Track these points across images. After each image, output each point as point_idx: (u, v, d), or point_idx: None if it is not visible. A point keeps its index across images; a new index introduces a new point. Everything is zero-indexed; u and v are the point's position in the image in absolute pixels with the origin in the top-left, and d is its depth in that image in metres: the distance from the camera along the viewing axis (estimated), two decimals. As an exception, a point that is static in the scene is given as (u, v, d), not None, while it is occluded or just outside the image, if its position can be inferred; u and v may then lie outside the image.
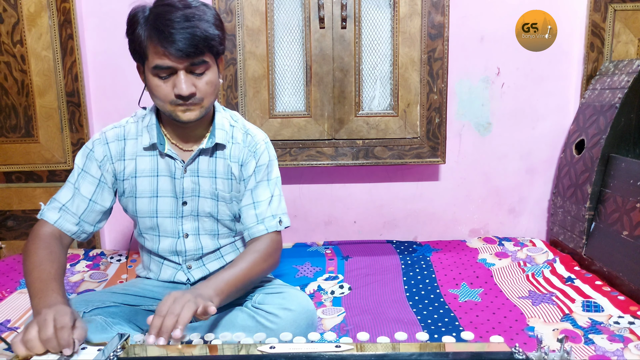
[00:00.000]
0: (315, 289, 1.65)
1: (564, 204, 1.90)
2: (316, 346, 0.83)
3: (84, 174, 1.18)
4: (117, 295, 1.21)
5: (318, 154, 1.90)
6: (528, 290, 1.60)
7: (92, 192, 1.18)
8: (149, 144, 1.18)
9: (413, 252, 1.94)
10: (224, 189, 1.22)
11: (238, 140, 1.23)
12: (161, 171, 1.20)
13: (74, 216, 1.16)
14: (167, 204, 1.21)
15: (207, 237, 1.25)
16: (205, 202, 1.22)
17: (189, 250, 1.24)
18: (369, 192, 2.05)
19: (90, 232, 1.20)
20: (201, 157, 1.20)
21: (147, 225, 1.23)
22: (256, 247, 1.17)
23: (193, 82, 1.06)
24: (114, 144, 1.19)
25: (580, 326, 1.36)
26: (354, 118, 1.89)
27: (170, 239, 1.23)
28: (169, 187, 1.20)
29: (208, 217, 1.23)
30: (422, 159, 1.91)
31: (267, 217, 1.21)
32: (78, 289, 1.68)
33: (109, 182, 1.20)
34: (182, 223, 1.22)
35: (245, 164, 1.22)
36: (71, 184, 1.18)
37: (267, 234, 1.20)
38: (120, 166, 1.20)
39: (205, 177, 1.21)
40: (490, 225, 2.10)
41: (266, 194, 1.22)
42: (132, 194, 1.21)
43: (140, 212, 1.22)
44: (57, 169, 1.94)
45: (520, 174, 2.05)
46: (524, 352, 0.81)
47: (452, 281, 1.69)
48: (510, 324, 1.40)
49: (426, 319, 1.44)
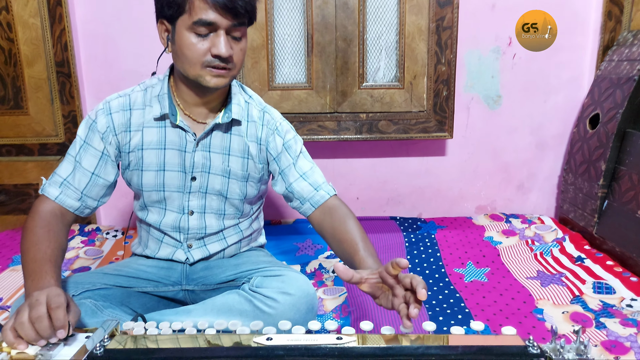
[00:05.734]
0: (316, 268, 1.60)
1: (575, 181, 1.83)
2: (316, 337, 0.78)
3: (86, 146, 1.11)
4: (108, 276, 1.15)
5: (320, 128, 1.82)
6: (536, 270, 1.54)
7: (95, 166, 1.11)
8: (160, 114, 1.11)
9: (417, 229, 1.88)
10: (236, 166, 1.16)
11: (254, 118, 1.17)
12: (169, 144, 1.13)
13: (75, 191, 1.10)
14: (175, 178, 1.15)
15: (212, 217, 1.20)
16: (215, 179, 1.16)
17: (192, 228, 1.19)
18: (373, 168, 1.98)
19: (93, 207, 1.14)
20: (215, 132, 1.14)
21: (154, 199, 1.17)
22: (342, 212, 1.12)
23: (231, 45, 1.01)
24: (119, 114, 1.12)
25: (591, 309, 1.31)
26: (358, 90, 1.81)
27: (175, 214, 1.18)
28: (177, 160, 1.14)
29: (217, 195, 1.18)
30: (429, 133, 1.83)
31: (322, 183, 1.17)
32: (72, 265, 1.63)
33: (112, 155, 1.13)
34: (189, 199, 1.17)
35: (269, 143, 1.17)
36: (72, 156, 1.11)
37: (331, 198, 1.16)
38: (124, 138, 1.13)
39: (217, 153, 1.15)
40: (498, 202, 2.03)
41: (308, 165, 1.19)
42: (137, 167, 1.14)
43: (146, 186, 1.16)
44: (48, 142, 1.88)
45: (530, 149, 1.97)
46: (538, 345, 0.75)
47: (457, 260, 1.64)
48: (519, 306, 1.35)
49: (430, 300, 1.39)
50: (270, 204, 1.98)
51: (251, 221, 1.29)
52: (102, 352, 0.76)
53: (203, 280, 1.21)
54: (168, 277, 1.21)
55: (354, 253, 1.02)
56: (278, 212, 2.02)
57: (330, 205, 1.15)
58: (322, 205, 1.15)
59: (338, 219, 1.11)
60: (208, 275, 1.21)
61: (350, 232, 1.06)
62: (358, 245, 1.02)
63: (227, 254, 1.26)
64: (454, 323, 1.27)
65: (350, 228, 1.07)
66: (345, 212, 1.12)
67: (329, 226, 1.12)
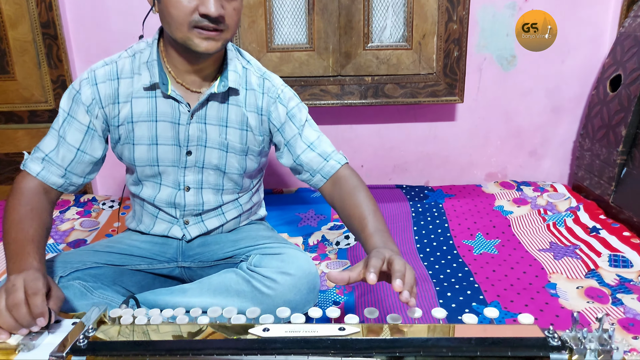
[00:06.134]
0: (319, 240, 1.54)
1: (592, 147, 1.74)
2: (317, 328, 0.72)
3: (70, 120, 1.02)
4: (99, 254, 1.09)
5: (322, 92, 1.72)
6: (549, 241, 1.48)
7: (80, 141, 1.03)
8: (150, 83, 1.01)
9: (424, 198, 1.81)
10: (235, 139, 1.08)
11: (253, 86, 1.07)
12: (161, 115, 1.04)
13: (59, 168, 1.02)
14: (169, 152, 1.07)
15: (209, 192, 1.12)
16: (212, 153, 1.08)
17: (188, 204, 1.12)
18: (378, 134, 1.89)
19: (79, 184, 1.07)
20: (211, 102, 1.05)
21: (148, 174, 1.10)
22: (352, 183, 1.04)
23: (222, 4, 0.90)
24: (105, 85, 1.02)
25: (607, 284, 1.25)
26: (362, 52, 1.69)
27: (171, 189, 1.11)
28: (170, 133, 1.05)
29: (214, 169, 1.10)
30: (438, 97, 1.73)
31: (331, 152, 1.09)
32: (67, 238, 1.58)
33: (98, 129, 1.04)
34: (185, 174, 1.09)
35: (271, 114, 1.08)
36: (55, 130, 1.03)
37: (342, 167, 1.07)
38: (113, 110, 1.04)
39: (214, 125, 1.06)
40: (509, 169, 1.95)
41: (314, 134, 1.10)
42: (128, 141, 1.06)
43: (138, 161, 1.07)
44: (38, 109, 1.79)
45: (545, 113, 1.87)
46: (559, 336, 0.69)
47: (466, 231, 1.57)
48: (530, 281, 1.29)
49: (438, 274, 1.34)
50: (272, 172, 1.91)
51: (251, 195, 1.22)
52: (86, 345, 0.70)
53: (200, 257, 1.16)
54: (163, 254, 1.15)
55: (362, 229, 0.95)
56: (280, 181, 1.94)
57: (340, 176, 1.07)
58: (333, 176, 1.07)
59: (348, 192, 1.03)
60: (205, 251, 1.16)
61: (360, 205, 0.98)
62: (366, 220, 0.95)
63: (225, 229, 1.19)
64: (463, 299, 1.21)
65: (360, 201, 0.99)
66: (356, 184, 1.04)
67: (338, 199, 1.05)
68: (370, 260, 0.76)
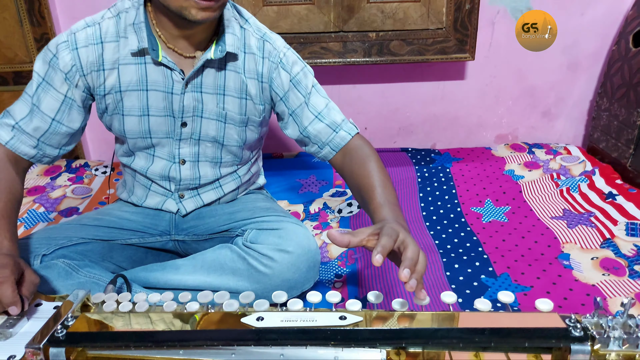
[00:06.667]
0: (320, 208, 1.48)
1: (610, 107, 1.64)
2: (315, 316, 0.66)
3: (46, 86, 0.93)
4: (87, 228, 1.03)
5: (323, 50, 1.61)
6: (562, 208, 1.41)
7: (56, 110, 0.94)
8: (138, 48, 0.91)
9: (431, 162, 1.73)
10: (233, 109, 0.99)
11: (253, 49, 0.97)
12: (152, 84, 0.95)
13: (30, 138, 0.93)
14: (162, 124, 0.98)
15: (207, 166, 1.05)
16: (209, 124, 0.99)
17: (184, 178, 1.04)
18: (383, 94, 1.79)
19: (54, 156, 0.99)
20: (207, 69, 0.95)
21: (140, 145, 1.02)
22: (363, 153, 0.96)
23: None
24: (87, 49, 0.92)
25: (624, 255, 1.19)
26: (366, 5, 1.57)
27: (165, 162, 1.03)
28: (162, 104, 0.96)
29: (212, 142, 1.02)
30: (447, 54, 1.61)
31: (341, 122, 1.00)
32: (59, 206, 1.52)
33: (77, 99, 0.95)
34: (180, 147, 1.01)
35: (273, 80, 0.98)
36: (29, 96, 0.93)
37: (353, 138, 0.99)
38: (97, 79, 0.94)
39: (211, 94, 0.97)
40: (520, 130, 1.85)
41: (322, 102, 1.01)
42: (117, 112, 0.97)
43: (129, 132, 0.99)
44: (22, 70, 1.69)
45: (560, 70, 1.75)
46: (581, 325, 0.63)
47: (474, 197, 1.50)
48: (542, 251, 1.23)
49: (445, 244, 1.28)
50: (272, 136, 1.82)
51: (250, 165, 1.14)
52: (65, 336, 0.65)
53: (194, 230, 1.09)
54: (155, 227, 1.09)
55: (370, 200, 0.87)
56: (280, 145, 1.86)
57: (351, 147, 0.99)
58: (343, 148, 0.99)
59: (357, 162, 0.95)
60: (200, 224, 1.09)
61: (369, 176, 0.91)
62: (375, 191, 0.87)
63: (223, 201, 1.12)
64: (471, 272, 1.15)
65: (369, 171, 0.92)
66: (366, 154, 0.96)
67: (348, 170, 0.97)
68: (381, 238, 0.68)
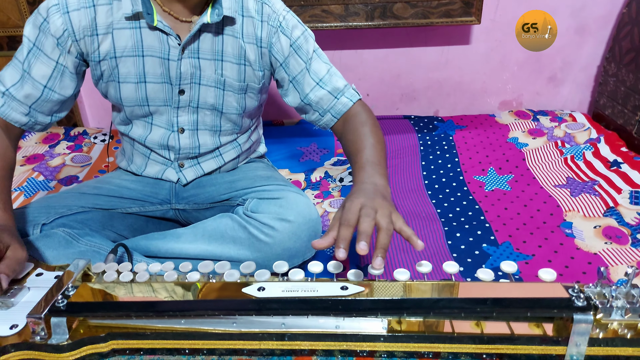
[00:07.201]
0: (321, 176, 1.46)
1: (618, 72, 1.60)
2: (317, 286, 0.65)
3: (37, 52, 0.90)
4: (86, 197, 1.02)
5: (324, 13, 1.56)
6: (566, 177, 1.39)
7: (48, 77, 0.91)
8: (132, 12, 0.88)
9: (433, 129, 1.70)
10: (232, 75, 0.96)
11: (251, 13, 0.94)
12: (147, 50, 0.92)
13: (22, 105, 0.91)
14: (159, 91, 0.96)
15: (206, 134, 1.03)
16: (208, 91, 0.97)
17: (183, 147, 1.03)
18: (385, 59, 1.74)
19: (46, 123, 0.97)
20: (204, 34, 0.92)
21: (138, 113, 1.00)
22: (360, 119, 0.94)
23: None
24: (79, 13, 0.88)
25: (627, 223, 1.18)
26: (369, -35, 1.51)
27: (163, 130, 1.01)
28: (159, 70, 0.94)
29: (210, 109, 1.00)
30: (452, 18, 1.56)
31: (343, 88, 0.98)
32: (58, 174, 1.51)
33: (70, 65, 0.92)
34: (178, 115, 0.99)
35: (273, 45, 0.95)
36: (19, 62, 0.91)
37: (355, 104, 0.97)
38: (91, 44, 0.91)
39: (209, 60, 0.94)
40: (525, 96, 1.82)
41: (324, 67, 0.98)
42: (112, 78, 0.95)
43: (126, 100, 0.97)
44: (16, 35, 1.65)
45: (568, 34, 1.70)
46: (584, 295, 0.62)
47: (477, 166, 1.48)
48: (544, 219, 1.22)
49: (447, 213, 1.27)
50: (271, 102, 1.79)
51: (250, 133, 1.12)
52: (65, 305, 0.65)
53: (195, 198, 1.08)
54: (155, 195, 1.08)
55: (355, 162, 0.86)
56: (280, 112, 1.83)
57: (352, 113, 0.97)
58: (344, 115, 0.97)
59: (353, 128, 0.94)
60: (200, 193, 1.08)
61: (359, 140, 0.89)
62: (362, 152, 0.86)
63: (223, 170, 1.11)
64: (472, 240, 1.15)
65: (362, 135, 0.90)
66: (364, 119, 0.94)
67: (345, 136, 0.96)
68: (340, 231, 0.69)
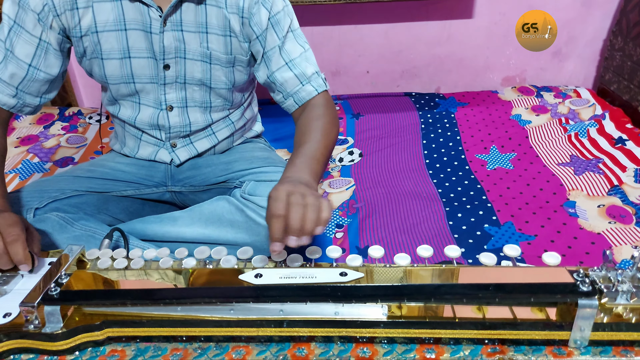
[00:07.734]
0: (321, 156, 1.44)
1: (624, 46, 1.56)
2: (315, 272, 0.64)
3: (18, 29, 0.86)
4: (80, 180, 1.00)
5: (322, -13, 1.51)
6: (570, 155, 1.37)
7: (32, 55, 0.88)
8: None
9: (435, 107, 1.67)
10: (218, 48, 0.93)
11: None
12: (130, 23, 0.88)
13: (8, 86, 0.88)
14: (145, 66, 0.92)
15: (196, 111, 1.00)
16: (194, 65, 0.93)
17: (173, 126, 1.00)
18: (385, 35, 1.70)
19: (35, 105, 0.94)
20: (185, 4, 0.88)
21: (124, 92, 0.96)
22: (317, 112, 0.91)
23: None
24: None
25: (631, 202, 1.16)
26: (369, -64, 1.46)
27: (152, 109, 0.98)
28: (144, 45, 0.90)
29: (199, 85, 0.96)
30: (455, -9, 1.52)
31: (311, 75, 0.94)
32: (54, 156, 1.49)
33: (53, 42, 0.89)
34: (165, 92, 0.96)
35: (253, 16, 0.91)
36: (1, 41, 0.87)
37: (319, 95, 0.94)
38: (72, 19, 0.88)
39: (193, 32, 0.91)
40: (529, 71, 1.78)
41: (298, 49, 0.94)
42: (95, 55, 0.91)
43: (111, 78, 0.94)
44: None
45: (574, 7, 1.66)
46: (589, 280, 0.61)
47: (479, 144, 1.46)
48: (547, 198, 1.20)
49: (448, 193, 1.25)
50: (269, 80, 1.75)
51: (243, 110, 1.09)
52: (59, 294, 0.63)
53: (191, 180, 1.06)
54: (150, 178, 1.06)
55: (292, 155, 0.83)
56: (278, 89, 1.80)
57: (312, 104, 0.93)
58: (306, 103, 0.93)
59: (307, 120, 0.90)
60: (196, 175, 1.06)
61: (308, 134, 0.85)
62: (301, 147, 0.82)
63: (217, 150, 1.08)
64: (474, 221, 1.13)
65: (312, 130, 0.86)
66: (320, 113, 0.90)
67: (297, 125, 0.92)
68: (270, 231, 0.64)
